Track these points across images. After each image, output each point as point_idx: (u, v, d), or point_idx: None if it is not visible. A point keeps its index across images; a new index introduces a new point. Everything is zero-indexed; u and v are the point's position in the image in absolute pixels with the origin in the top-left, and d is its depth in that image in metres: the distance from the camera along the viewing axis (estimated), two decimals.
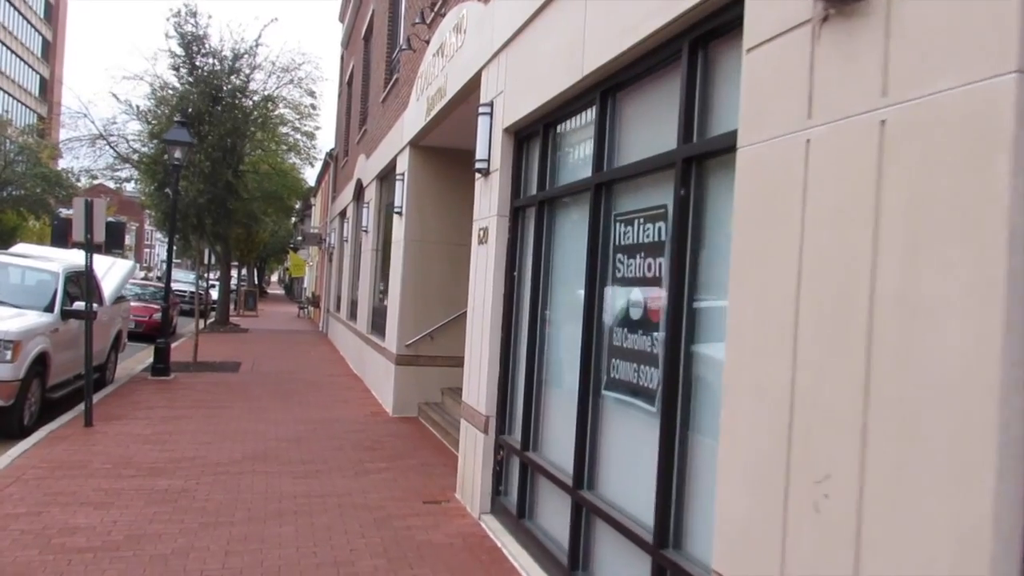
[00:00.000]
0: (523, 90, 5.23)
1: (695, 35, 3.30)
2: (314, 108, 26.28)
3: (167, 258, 13.69)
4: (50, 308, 8.97)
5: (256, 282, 44.77)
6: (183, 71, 16.98)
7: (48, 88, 64.06)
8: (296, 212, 39.52)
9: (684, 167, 3.30)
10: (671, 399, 3.28)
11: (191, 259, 27.47)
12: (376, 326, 12.14)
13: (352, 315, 15.58)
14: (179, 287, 24.90)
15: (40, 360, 8.27)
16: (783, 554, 2.32)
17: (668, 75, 3.65)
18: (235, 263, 29.90)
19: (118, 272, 12.18)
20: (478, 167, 6.00)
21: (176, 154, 12.54)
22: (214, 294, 26.20)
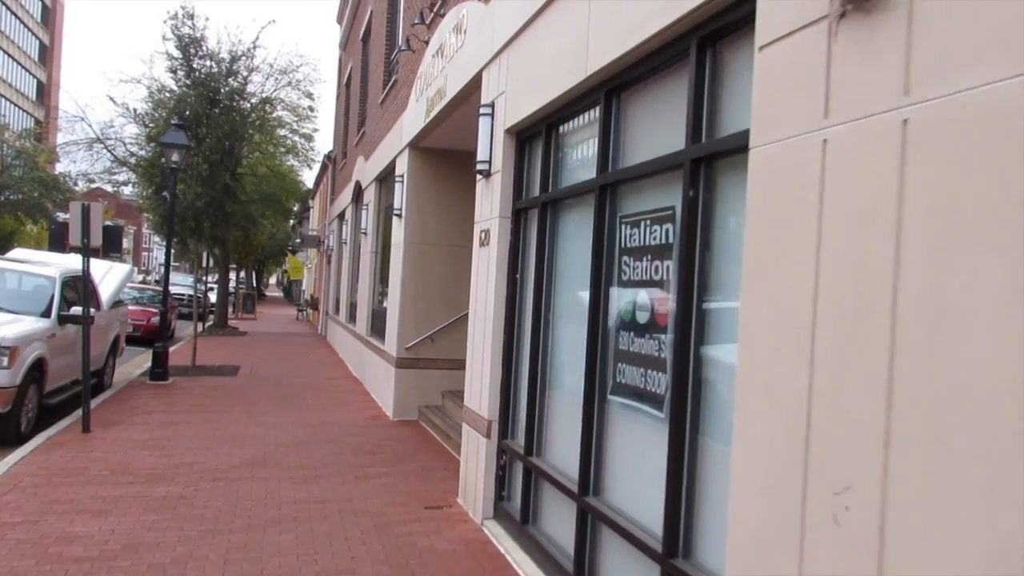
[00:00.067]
0: (525, 90, 5.17)
1: (703, 33, 3.23)
2: (312, 110, 26.17)
3: (165, 261, 13.61)
4: (47, 313, 8.89)
5: (254, 285, 44.69)
6: (180, 74, 16.92)
7: (45, 92, 63.98)
8: (294, 214, 39.40)
9: (693, 168, 3.24)
10: (680, 404, 3.21)
11: (189, 262, 27.39)
12: (376, 329, 12.07)
13: (351, 318, 15.50)
14: (177, 290, 24.79)
15: (37, 366, 8.19)
16: (800, 567, 2.25)
17: (675, 74, 3.58)
18: (233, 266, 29.84)
19: (115, 276, 12.09)
20: (479, 168, 5.93)
21: (173, 157, 12.46)
22: (212, 297, 26.10)
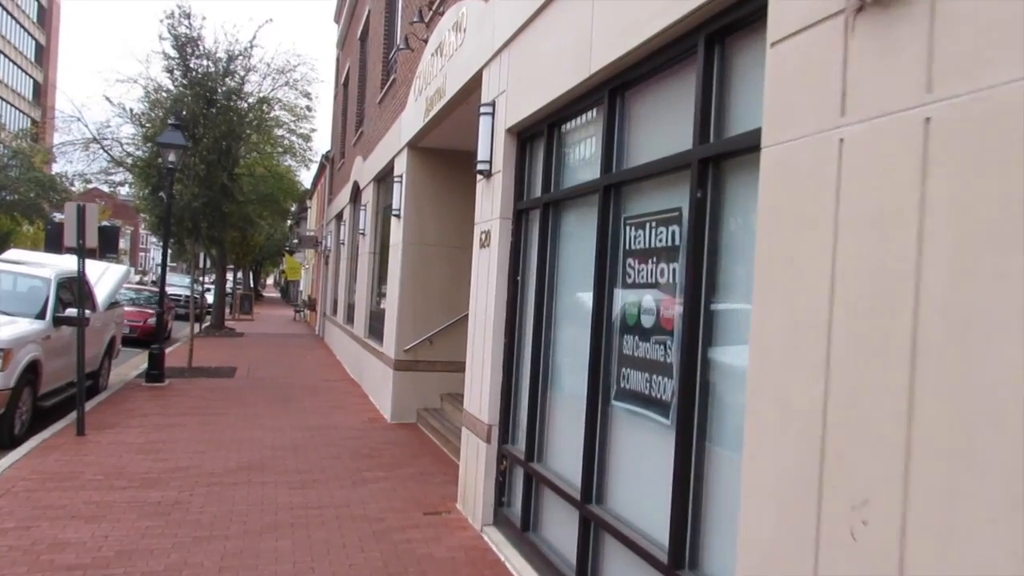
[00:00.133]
0: (526, 89, 5.08)
1: (711, 30, 3.15)
2: (310, 110, 26.22)
3: (161, 262, 13.51)
4: (42, 315, 8.80)
5: (252, 285, 44.58)
6: (177, 73, 16.81)
7: (41, 92, 63.82)
8: (292, 215, 39.33)
9: (700, 168, 3.15)
10: (687, 410, 3.13)
11: (186, 263, 27.27)
12: (374, 330, 11.98)
13: (349, 319, 15.41)
14: (174, 291, 24.70)
15: (31, 368, 8.10)
16: None
17: (682, 72, 3.50)
18: (230, 266, 29.74)
19: (112, 277, 11.99)
20: (480, 168, 5.85)
21: (170, 157, 12.37)
22: (209, 298, 25.99)
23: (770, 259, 2.47)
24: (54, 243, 12.61)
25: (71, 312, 8.62)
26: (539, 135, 5.20)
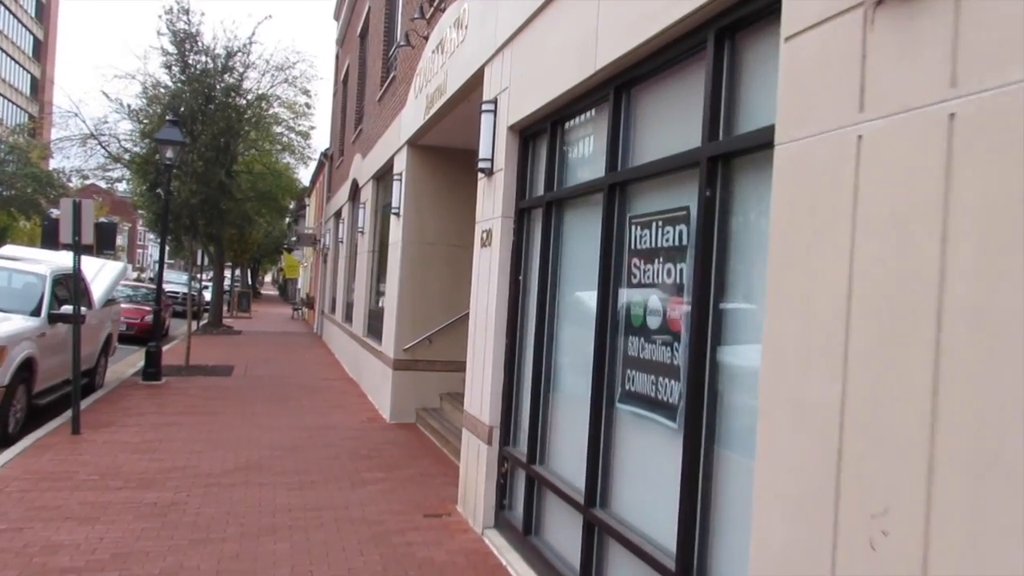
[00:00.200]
0: (529, 86, 5.01)
1: (721, 24, 3.08)
2: (309, 107, 26.13)
3: (159, 259, 13.41)
4: (37, 312, 8.72)
5: (250, 283, 44.46)
6: (175, 69, 16.70)
7: (39, 87, 63.61)
8: (290, 212, 39.23)
9: (710, 166, 3.08)
10: (695, 414, 3.06)
11: (184, 260, 27.16)
12: (373, 329, 11.90)
13: (348, 318, 15.33)
14: (171, 288, 24.61)
15: (26, 366, 8.02)
16: None
17: (690, 68, 3.43)
18: (228, 264, 29.64)
19: (108, 274, 11.91)
20: (481, 167, 5.77)
21: (168, 153, 12.28)
22: (207, 295, 25.90)
23: (784, 259, 2.40)
24: (51, 239, 12.50)
25: (67, 309, 8.54)
26: (542, 133, 5.13)
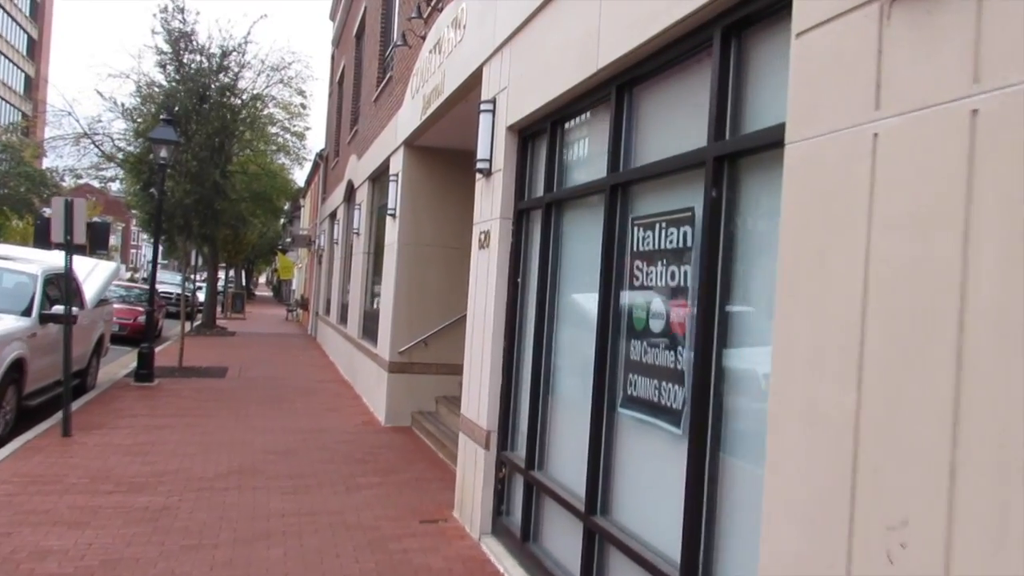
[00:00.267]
0: (529, 86, 4.94)
1: (728, 22, 3.01)
2: (304, 108, 26.00)
3: (152, 259, 13.30)
4: (28, 312, 8.61)
5: (244, 284, 44.28)
6: (170, 68, 16.60)
7: (33, 86, 63.33)
8: (285, 213, 39.08)
9: (716, 166, 3.01)
10: (700, 420, 2.98)
11: (178, 260, 27.03)
12: (368, 331, 11.81)
13: (342, 319, 15.23)
14: (165, 289, 24.45)
15: (16, 366, 7.91)
16: None
17: (695, 67, 3.36)
18: (222, 265, 29.48)
19: (101, 274, 11.79)
20: (479, 167, 5.70)
21: (162, 153, 12.17)
22: (201, 296, 25.75)
23: (795, 262, 2.34)
24: (43, 239, 12.37)
25: (58, 309, 8.44)
26: (541, 133, 5.06)
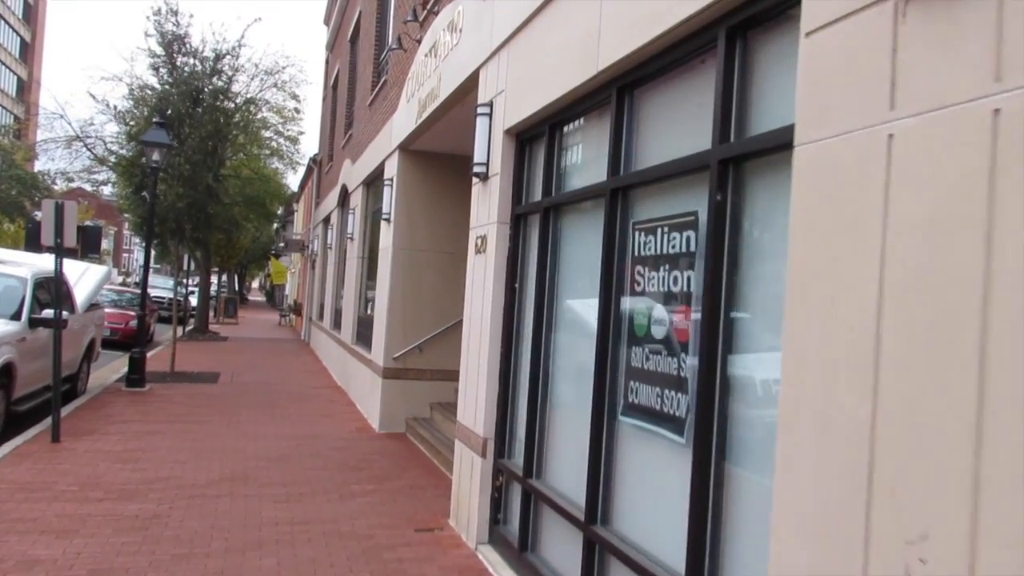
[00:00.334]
0: (527, 89, 4.88)
1: (733, 22, 2.95)
2: (298, 112, 25.90)
3: (144, 263, 13.18)
4: (17, 316, 8.51)
5: (236, 289, 44.10)
6: (163, 71, 16.50)
7: (25, 89, 63.05)
8: (278, 218, 38.94)
9: (721, 169, 2.95)
10: (705, 428, 2.92)
11: (170, 265, 26.85)
12: (361, 337, 11.71)
13: (336, 324, 15.13)
14: (157, 293, 24.30)
15: (5, 371, 7.81)
16: None
17: (698, 68, 3.31)
18: (215, 269, 29.33)
19: (92, 278, 11.67)
20: (476, 171, 5.63)
21: (154, 156, 12.07)
22: (193, 301, 25.60)
23: (805, 267, 2.27)
24: (34, 242, 12.25)
25: (48, 313, 8.32)
26: (539, 136, 5.00)
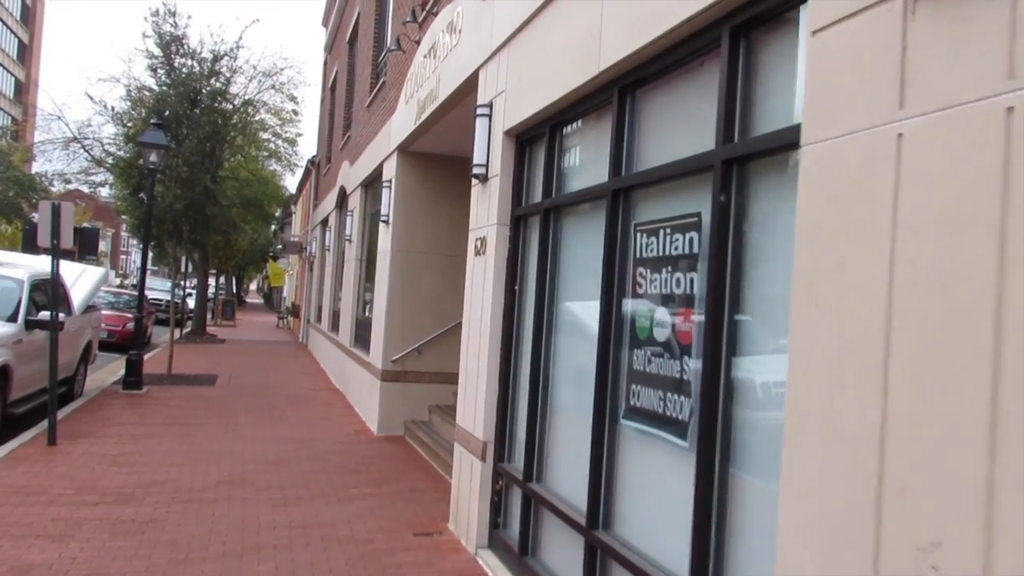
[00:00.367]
0: (527, 89, 4.84)
1: (737, 21, 2.92)
2: (296, 114, 25.88)
3: (141, 265, 13.13)
4: (13, 318, 8.47)
5: (234, 291, 44.03)
6: (160, 72, 16.46)
7: (23, 90, 62.96)
8: (276, 220, 38.90)
9: (724, 170, 2.92)
10: (708, 432, 2.88)
11: (167, 267, 26.79)
12: (360, 339, 11.67)
13: (334, 327, 15.08)
14: (154, 295, 24.23)
15: (1, 373, 7.78)
16: None
17: (701, 68, 3.27)
18: (213, 271, 29.28)
19: (89, 280, 11.63)
20: (475, 172, 5.60)
21: (152, 157, 12.02)
22: (191, 303, 25.54)
23: (812, 269, 2.24)
24: (31, 244, 12.22)
25: (44, 315, 8.28)
26: (540, 137, 4.97)
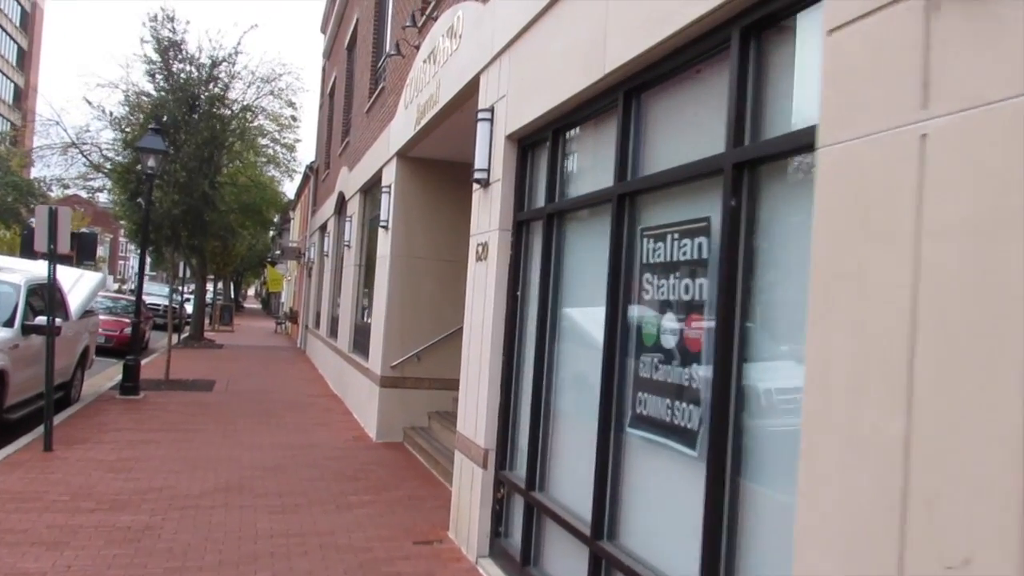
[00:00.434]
0: (529, 93, 4.78)
1: (747, 22, 2.86)
2: (294, 120, 25.85)
3: (139, 270, 13.04)
4: (10, 322, 8.40)
5: (232, 296, 43.90)
6: (159, 78, 16.37)
7: (23, 96, 62.90)
8: (274, 225, 38.82)
9: (735, 174, 2.85)
10: (719, 442, 2.81)
11: (165, 272, 26.70)
12: (358, 345, 11.59)
13: (332, 332, 15.00)
14: (152, 300, 24.12)
15: None
16: None
17: (709, 70, 3.21)
18: (211, 276, 29.19)
19: (86, 285, 11.56)
20: (477, 177, 5.53)
21: (150, 162, 11.94)
22: (189, 308, 25.44)
23: (830, 273, 2.17)
24: (29, 249, 12.15)
25: (41, 320, 8.20)
26: (542, 142, 4.90)
